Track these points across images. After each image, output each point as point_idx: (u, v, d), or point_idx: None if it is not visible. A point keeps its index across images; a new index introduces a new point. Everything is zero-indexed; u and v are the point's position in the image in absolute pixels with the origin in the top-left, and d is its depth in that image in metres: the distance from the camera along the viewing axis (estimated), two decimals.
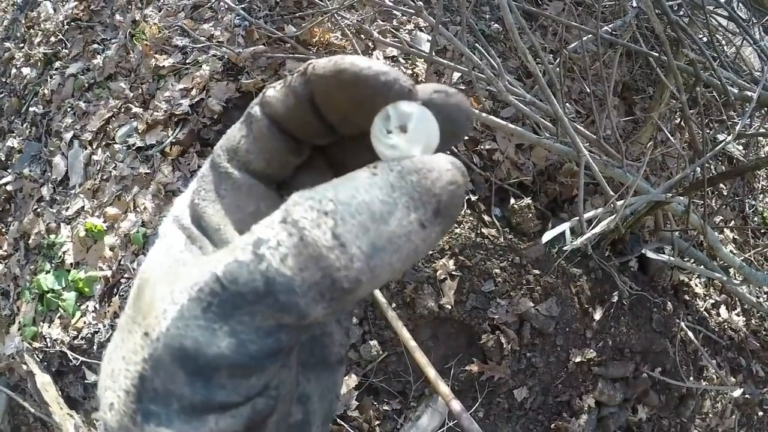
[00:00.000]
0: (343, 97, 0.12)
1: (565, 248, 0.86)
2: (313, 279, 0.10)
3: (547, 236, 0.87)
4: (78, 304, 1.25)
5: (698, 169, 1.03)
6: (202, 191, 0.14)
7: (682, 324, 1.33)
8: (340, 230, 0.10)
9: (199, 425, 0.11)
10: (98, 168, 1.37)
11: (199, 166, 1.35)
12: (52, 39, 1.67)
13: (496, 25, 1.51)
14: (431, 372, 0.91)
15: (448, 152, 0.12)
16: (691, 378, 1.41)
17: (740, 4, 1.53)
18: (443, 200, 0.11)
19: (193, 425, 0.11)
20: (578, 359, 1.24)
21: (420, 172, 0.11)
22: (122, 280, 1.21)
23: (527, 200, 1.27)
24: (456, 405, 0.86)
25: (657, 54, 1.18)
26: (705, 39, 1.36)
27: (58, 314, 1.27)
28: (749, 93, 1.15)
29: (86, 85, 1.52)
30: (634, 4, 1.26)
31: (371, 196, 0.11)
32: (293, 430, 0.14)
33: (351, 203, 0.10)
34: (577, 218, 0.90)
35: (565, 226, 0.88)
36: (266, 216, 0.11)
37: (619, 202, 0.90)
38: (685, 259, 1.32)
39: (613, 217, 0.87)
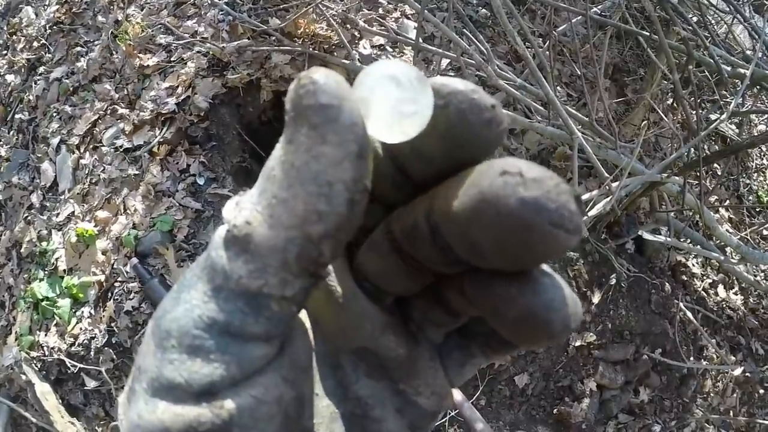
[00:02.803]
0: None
1: None
2: (220, 236, 0.11)
3: None
4: (73, 310, 1.24)
5: (692, 149, 1.02)
6: None
7: (681, 304, 1.33)
8: (244, 197, 0.11)
9: (152, 408, 0.11)
10: (87, 172, 1.35)
11: (188, 165, 1.34)
12: (35, 44, 1.64)
13: (483, 10, 1.50)
14: None
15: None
16: (692, 358, 1.42)
17: None
18: (293, 104, 0.10)
19: (149, 406, 0.11)
20: (578, 343, 1.24)
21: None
22: (116, 284, 1.20)
23: None
24: (457, 394, 0.86)
25: (648, 33, 1.17)
26: (696, 19, 1.34)
27: (54, 322, 1.26)
28: (742, 71, 1.14)
29: (71, 88, 1.49)
30: None
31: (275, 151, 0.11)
32: None
33: (264, 169, 0.11)
34: None
35: None
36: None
37: (614, 184, 0.89)
38: (682, 240, 1.32)
39: (609, 198, 0.87)
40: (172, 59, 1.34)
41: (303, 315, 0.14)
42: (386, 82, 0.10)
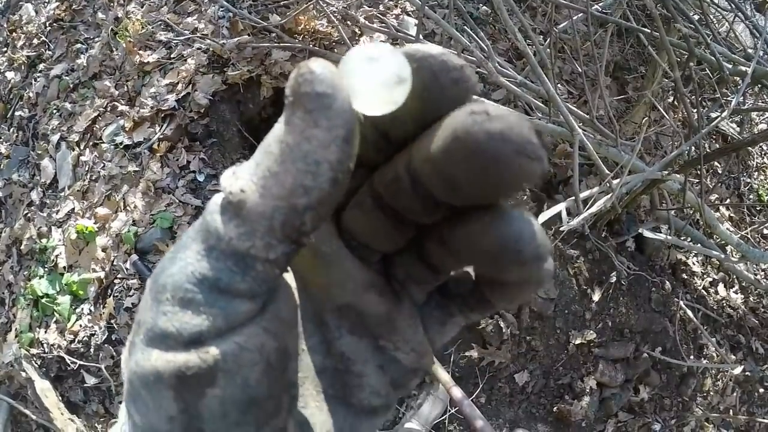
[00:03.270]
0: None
1: (562, 229, 0.85)
2: (215, 203, 0.12)
3: (542, 217, 0.87)
4: (73, 307, 1.24)
5: (693, 146, 1.02)
6: None
7: (681, 303, 1.33)
8: (240, 168, 0.12)
9: (147, 356, 0.12)
10: (87, 169, 1.35)
11: (188, 162, 1.34)
12: (35, 41, 1.64)
13: (484, 7, 1.49)
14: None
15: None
16: (692, 357, 1.42)
17: None
18: (291, 90, 0.11)
19: (145, 355, 0.12)
20: (578, 341, 1.24)
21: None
22: (116, 281, 1.20)
23: None
24: (457, 392, 0.86)
25: (649, 31, 1.17)
26: (697, 17, 1.34)
27: (54, 319, 1.26)
28: (743, 68, 1.14)
29: (71, 85, 1.49)
30: None
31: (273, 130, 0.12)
32: None
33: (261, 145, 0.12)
34: (573, 198, 0.89)
35: (560, 207, 0.88)
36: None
37: (615, 181, 0.89)
38: (682, 238, 1.32)
39: (609, 196, 0.86)
40: (172, 56, 1.34)
41: (290, 277, 0.15)
42: (365, 63, 0.11)
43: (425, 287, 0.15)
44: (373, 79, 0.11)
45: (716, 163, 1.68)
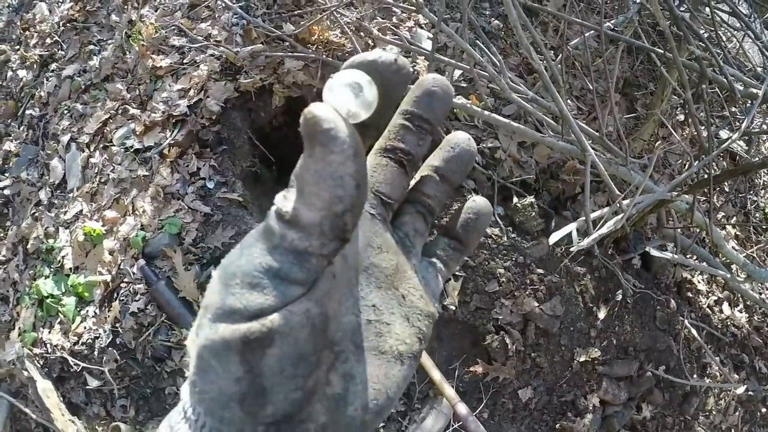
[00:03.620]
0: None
1: (572, 248, 0.85)
2: (275, 212, 0.16)
3: (554, 238, 0.87)
4: (78, 309, 1.24)
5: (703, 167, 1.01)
6: None
7: (686, 322, 1.33)
8: (288, 192, 0.16)
9: (215, 330, 0.15)
10: (96, 171, 1.36)
11: (198, 168, 1.34)
12: (48, 41, 1.65)
13: (496, 21, 1.50)
14: (436, 374, 0.90)
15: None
16: (695, 375, 1.41)
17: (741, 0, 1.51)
18: (305, 131, 0.15)
19: (213, 329, 0.15)
20: (583, 358, 1.24)
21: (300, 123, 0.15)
22: (122, 285, 1.20)
23: (530, 199, 1.26)
24: (462, 408, 0.86)
25: (662, 51, 1.17)
26: (707, 35, 1.34)
27: (58, 319, 1.26)
28: (754, 90, 1.14)
29: (83, 86, 1.50)
30: (637, 0, 1.25)
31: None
32: (328, 401, 0.17)
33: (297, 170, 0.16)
34: (584, 218, 0.89)
35: (571, 227, 0.88)
36: None
37: (625, 202, 0.89)
38: (688, 257, 1.31)
39: (620, 216, 0.86)
40: (184, 61, 1.35)
41: None
42: (344, 87, 0.17)
43: (423, 238, 0.21)
44: (352, 97, 0.16)
45: (724, 182, 1.67)
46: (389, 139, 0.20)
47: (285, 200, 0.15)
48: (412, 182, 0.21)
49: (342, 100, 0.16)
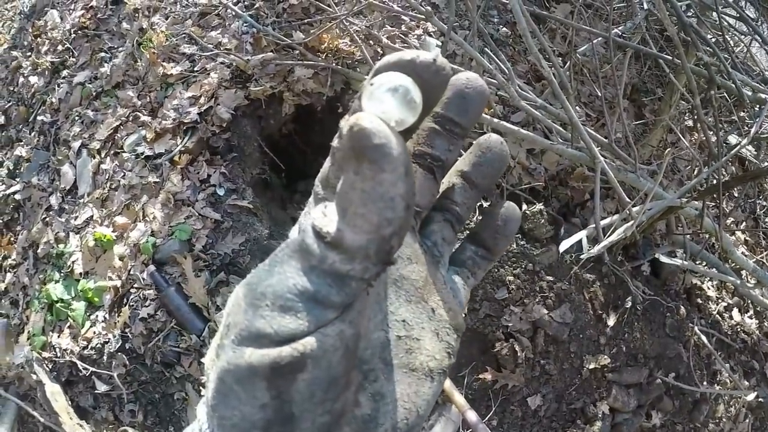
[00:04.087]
0: None
1: (581, 256, 0.85)
2: (311, 228, 0.15)
3: (564, 245, 0.86)
4: (87, 314, 1.25)
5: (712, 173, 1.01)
6: (307, 214, 0.18)
7: (696, 328, 1.32)
8: (328, 210, 0.15)
9: (240, 354, 0.14)
10: (107, 177, 1.37)
11: (209, 175, 1.34)
12: (59, 47, 1.67)
13: (504, 29, 1.50)
14: (446, 382, 0.90)
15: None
16: (705, 382, 1.40)
17: (748, 3, 1.51)
18: (352, 145, 0.13)
19: (237, 353, 0.14)
20: (592, 366, 1.23)
21: (343, 134, 0.14)
22: (132, 290, 1.21)
23: (539, 206, 1.26)
24: (472, 415, 0.85)
25: (670, 56, 1.17)
26: (714, 40, 1.34)
27: (68, 324, 1.27)
28: (763, 95, 1.14)
29: (94, 93, 1.51)
30: (644, 6, 1.25)
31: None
32: (357, 423, 0.16)
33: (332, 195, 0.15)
34: (593, 226, 0.89)
35: (581, 235, 0.87)
36: None
37: (635, 209, 0.89)
38: (698, 263, 1.30)
39: (630, 224, 0.86)
40: (195, 69, 1.36)
41: None
42: (389, 92, 0.15)
43: (452, 247, 0.21)
44: (398, 103, 0.15)
45: (733, 188, 1.66)
46: (418, 144, 0.19)
47: (325, 218, 0.14)
48: (441, 188, 0.20)
49: (386, 107, 0.15)
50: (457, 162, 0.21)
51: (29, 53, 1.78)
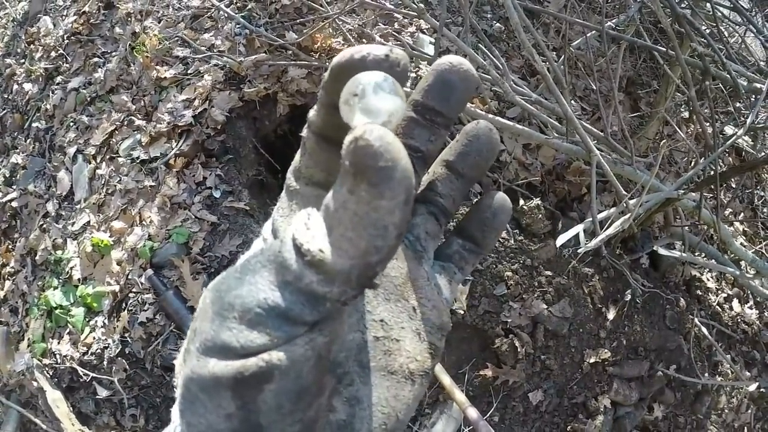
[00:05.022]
0: (340, 88, 0.14)
1: (579, 250, 0.85)
2: (290, 241, 0.13)
3: (561, 240, 0.86)
4: (87, 319, 1.25)
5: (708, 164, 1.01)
6: (280, 210, 0.17)
7: (696, 320, 1.32)
8: (312, 223, 0.13)
9: (203, 364, 0.13)
10: (103, 182, 1.37)
11: (205, 178, 1.34)
12: (53, 54, 1.66)
13: (497, 24, 1.50)
14: (446, 379, 0.90)
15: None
16: (706, 374, 1.40)
17: None
18: (352, 161, 0.12)
19: (201, 362, 0.13)
20: (593, 360, 1.23)
21: (344, 146, 0.12)
22: (130, 295, 1.21)
23: (536, 201, 1.26)
24: (473, 412, 0.85)
25: (664, 48, 1.17)
26: (708, 31, 1.34)
27: (67, 330, 1.26)
28: (758, 85, 1.14)
29: (88, 99, 1.51)
30: None
31: (330, 192, 0.13)
32: (332, 429, 0.15)
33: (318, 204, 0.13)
34: (590, 219, 0.89)
35: (578, 228, 0.87)
36: None
37: (632, 201, 0.89)
38: (697, 254, 1.31)
39: (627, 216, 0.86)
40: (189, 72, 1.36)
41: None
42: (372, 88, 0.14)
43: (436, 241, 0.19)
44: (389, 101, 0.13)
45: (730, 178, 1.66)
46: (396, 135, 0.17)
47: (307, 231, 0.13)
48: (425, 179, 0.19)
49: (385, 104, 0.13)
50: (443, 151, 0.19)
51: (23, 60, 1.78)
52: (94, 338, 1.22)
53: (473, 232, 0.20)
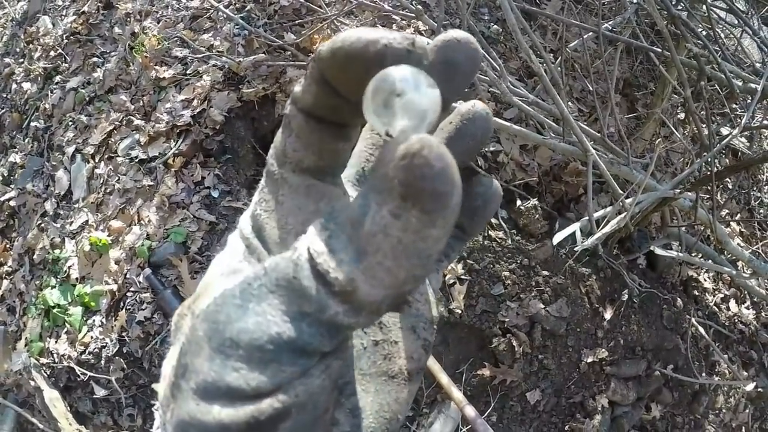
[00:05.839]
0: (346, 76, 0.12)
1: (576, 249, 0.85)
2: (306, 261, 0.12)
3: (557, 238, 0.87)
4: (84, 318, 1.25)
5: (704, 163, 1.02)
6: (263, 202, 0.15)
7: (693, 320, 1.32)
8: (332, 241, 0.11)
9: (206, 410, 0.11)
10: (101, 181, 1.37)
11: (203, 177, 1.35)
12: (52, 53, 1.67)
13: (495, 26, 1.51)
14: (444, 378, 0.90)
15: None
16: (704, 374, 1.40)
17: None
18: (404, 181, 0.10)
19: (202, 408, 0.11)
20: (590, 359, 1.23)
21: (383, 161, 0.11)
22: (128, 294, 1.21)
23: (533, 201, 1.26)
24: (470, 411, 0.85)
25: (660, 50, 1.18)
26: (704, 32, 1.35)
27: (65, 329, 1.26)
28: (753, 85, 1.15)
29: (87, 98, 1.51)
30: (634, 0, 1.26)
31: (355, 203, 0.11)
32: None
33: (340, 217, 0.12)
34: (587, 218, 0.89)
35: (574, 227, 0.88)
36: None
37: (628, 200, 0.89)
38: (693, 254, 1.31)
39: (623, 215, 0.87)
40: (187, 72, 1.36)
41: None
42: (412, 85, 0.12)
43: None
44: (428, 100, 0.12)
45: (726, 179, 1.67)
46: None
47: (328, 255, 0.11)
48: None
49: (425, 102, 0.11)
50: (435, 133, 0.16)
51: (22, 60, 1.78)
52: (91, 337, 1.22)
53: (462, 219, 0.17)
